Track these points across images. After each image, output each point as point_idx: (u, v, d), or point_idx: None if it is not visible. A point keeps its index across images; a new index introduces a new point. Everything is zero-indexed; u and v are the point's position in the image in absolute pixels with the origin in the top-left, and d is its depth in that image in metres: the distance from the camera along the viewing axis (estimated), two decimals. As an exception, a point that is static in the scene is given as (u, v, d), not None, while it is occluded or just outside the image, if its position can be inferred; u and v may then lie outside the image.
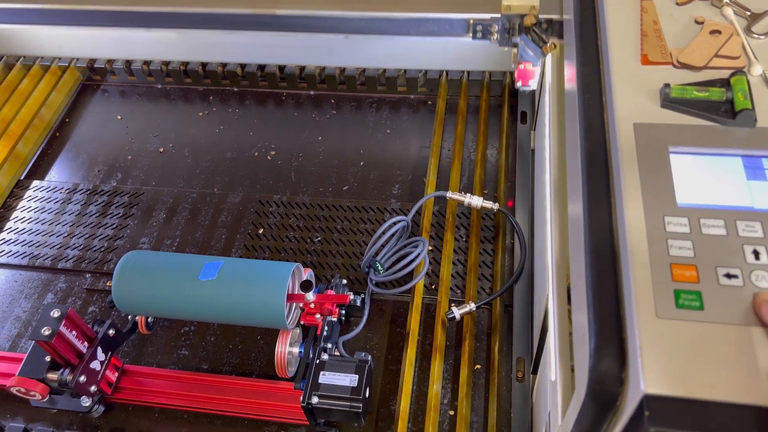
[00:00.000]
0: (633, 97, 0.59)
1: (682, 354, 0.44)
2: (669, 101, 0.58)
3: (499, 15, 0.98)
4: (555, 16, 0.96)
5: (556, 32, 0.98)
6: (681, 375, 0.43)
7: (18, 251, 1.20)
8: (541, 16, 0.96)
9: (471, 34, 1.02)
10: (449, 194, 1.10)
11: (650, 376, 0.43)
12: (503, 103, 1.33)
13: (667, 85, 0.58)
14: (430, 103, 1.38)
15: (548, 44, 0.94)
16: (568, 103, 0.78)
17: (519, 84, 1.03)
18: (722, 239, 0.49)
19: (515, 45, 0.99)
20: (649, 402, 0.42)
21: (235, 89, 1.46)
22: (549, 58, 0.96)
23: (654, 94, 0.60)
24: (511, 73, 1.35)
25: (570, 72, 0.74)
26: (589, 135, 0.60)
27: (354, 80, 1.40)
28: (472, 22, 1.00)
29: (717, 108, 0.57)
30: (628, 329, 0.46)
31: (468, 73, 1.36)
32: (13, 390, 0.87)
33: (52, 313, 0.84)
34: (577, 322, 0.55)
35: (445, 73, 1.37)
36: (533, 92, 1.32)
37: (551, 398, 0.69)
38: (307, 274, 0.99)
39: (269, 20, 1.10)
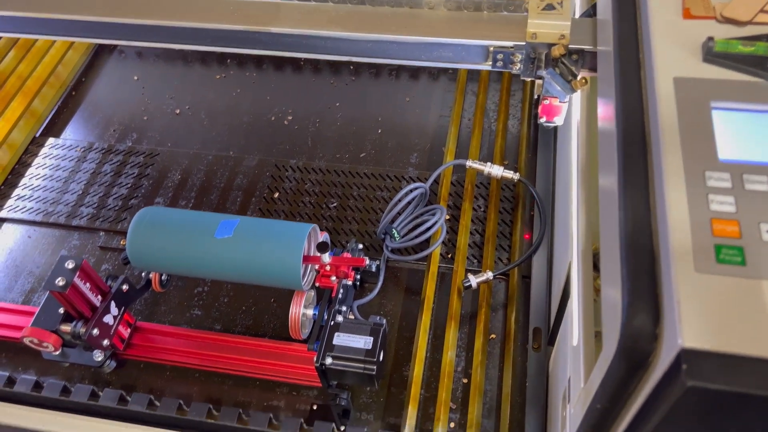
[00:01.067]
0: (673, 52, 0.57)
1: (721, 309, 0.42)
2: (712, 55, 0.55)
3: (523, 43, 0.84)
4: (587, 47, 0.82)
5: (587, 64, 0.84)
6: (720, 329, 0.41)
7: (32, 207, 1.20)
8: (571, 46, 0.82)
9: (490, 63, 0.88)
10: (469, 163, 1.08)
11: (688, 329, 0.41)
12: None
13: (710, 39, 0.56)
14: (451, 71, 1.35)
15: (579, 79, 0.82)
16: (601, 62, 0.75)
17: (543, 120, 0.90)
18: (766, 195, 0.47)
19: (540, 77, 0.85)
20: (686, 356, 0.40)
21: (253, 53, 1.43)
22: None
23: (696, 48, 0.57)
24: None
25: (605, 32, 0.72)
26: (626, 91, 0.58)
27: (374, 46, 1.36)
28: (492, 50, 0.86)
29: (763, 63, 0.54)
30: (664, 284, 0.45)
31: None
32: (26, 341, 0.87)
33: (66, 264, 0.83)
34: (607, 281, 0.54)
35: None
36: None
37: (573, 364, 0.68)
38: (323, 236, 0.98)
39: (266, 38, 0.92)
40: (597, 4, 0.84)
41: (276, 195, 1.18)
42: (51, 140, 1.31)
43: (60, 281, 0.81)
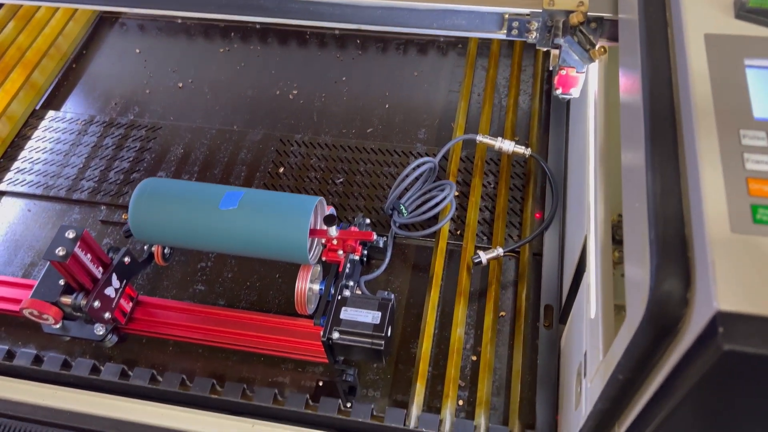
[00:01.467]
0: (704, 8, 0.54)
1: (759, 270, 0.40)
2: (745, 11, 0.53)
3: (540, 10, 0.80)
4: (607, 14, 0.78)
5: (606, 33, 0.80)
6: (758, 291, 0.39)
7: (32, 180, 1.18)
8: (589, 14, 0.78)
9: (505, 31, 0.84)
10: (479, 137, 1.05)
11: (724, 292, 0.39)
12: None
13: (743, -6, 0.53)
14: (460, 45, 1.32)
15: (597, 48, 0.78)
16: (624, 29, 0.72)
17: (559, 91, 0.87)
18: (804, 154, 0.44)
19: (557, 46, 0.82)
20: (722, 319, 0.38)
21: (258, 26, 1.40)
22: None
23: (728, 4, 0.54)
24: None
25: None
26: (653, 48, 0.55)
27: (382, 20, 1.33)
28: (507, 17, 0.82)
29: (799, 20, 0.51)
30: (696, 246, 0.42)
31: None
32: (26, 312, 0.85)
33: (67, 234, 0.81)
34: (632, 247, 0.51)
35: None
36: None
37: (590, 337, 0.65)
38: (329, 210, 0.95)
39: (270, 4, 0.86)
40: None
41: (281, 170, 1.16)
42: (51, 113, 1.28)
43: (60, 251, 0.79)
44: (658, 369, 0.47)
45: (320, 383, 0.91)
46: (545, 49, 0.89)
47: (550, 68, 0.86)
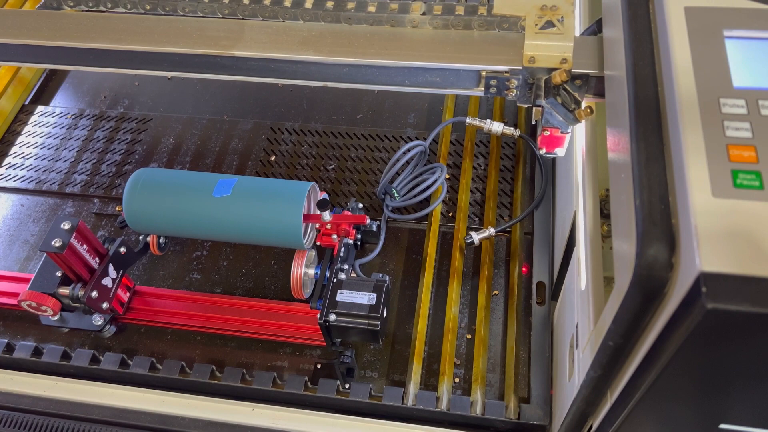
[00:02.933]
0: (684, -19, 0.55)
1: (740, 232, 0.41)
2: (724, -17, 0.54)
3: (519, 67, 0.72)
4: (592, 71, 0.71)
5: (592, 90, 0.73)
6: (739, 253, 0.40)
7: (24, 176, 1.18)
8: (574, 71, 0.70)
9: (483, 88, 0.76)
10: (469, 120, 1.06)
11: (707, 253, 0.40)
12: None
13: (721, -33, 0.54)
14: (447, 30, 1.33)
15: (583, 108, 0.71)
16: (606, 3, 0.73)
17: (542, 151, 0.80)
18: (782, 121, 0.46)
19: (539, 106, 0.74)
20: (706, 279, 0.39)
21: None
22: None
23: (707, -23, 0.55)
24: None
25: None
26: (634, 22, 0.56)
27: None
28: (484, 74, 0.74)
29: (776, -10, 0.53)
30: (680, 211, 0.44)
31: (488, -1, 1.30)
32: (24, 304, 0.85)
33: (62, 225, 0.81)
34: (619, 215, 0.53)
35: (463, -2, 1.31)
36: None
37: (581, 309, 0.67)
38: (322, 195, 0.96)
39: (229, 62, 0.78)
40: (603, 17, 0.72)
41: (273, 158, 1.16)
42: (41, 108, 1.28)
43: (56, 242, 0.80)
44: (647, 333, 0.48)
45: (318, 366, 0.93)
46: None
47: (533, 122, 0.78)
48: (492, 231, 0.98)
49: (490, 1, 0.77)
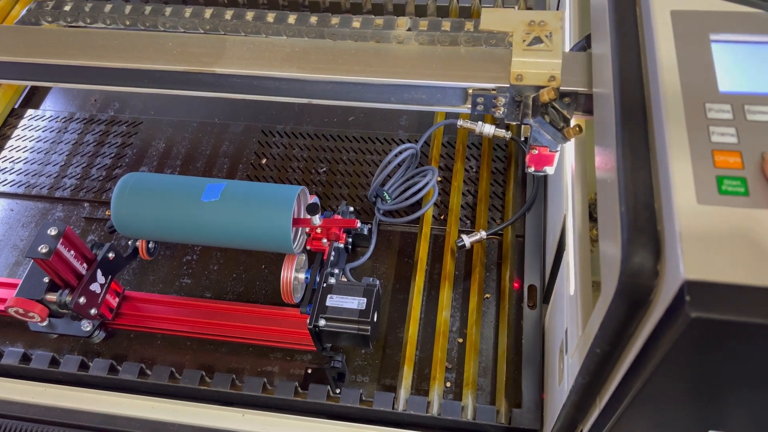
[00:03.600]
0: (671, -16, 0.55)
1: (725, 240, 0.41)
2: (710, -13, 0.53)
3: (506, 85, 0.71)
4: (581, 89, 0.69)
5: (581, 107, 0.71)
6: (723, 260, 0.40)
7: (14, 180, 1.17)
8: (563, 89, 0.69)
9: (470, 106, 0.74)
10: (460, 122, 1.06)
11: (690, 261, 0.40)
12: (516, 32, 1.27)
13: (707, -30, 0.54)
14: (439, 32, 1.32)
15: (572, 126, 0.69)
16: (594, 7, 0.73)
17: (531, 169, 0.78)
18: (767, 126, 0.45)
19: (527, 124, 0.72)
20: (690, 288, 0.39)
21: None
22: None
23: (693, -19, 0.55)
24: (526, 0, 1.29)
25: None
26: (621, 26, 0.56)
27: (360, 8, 1.33)
28: (471, 92, 0.72)
29: (763, -6, 0.52)
30: (665, 218, 0.43)
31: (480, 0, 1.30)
32: (11, 311, 0.85)
33: (49, 231, 0.81)
34: (605, 222, 0.52)
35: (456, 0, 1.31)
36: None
37: (569, 314, 0.67)
38: (312, 199, 0.96)
39: (211, 80, 0.77)
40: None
41: (264, 161, 1.16)
42: (30, 111, 1.27)
43: (43, 248, 0.79)
44: (633, 340, 0.48)
45: (309, 371, 0.92)
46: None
47: (522, 138, 0.77)
48: (483, 234, 0.97)
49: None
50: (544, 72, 0.69)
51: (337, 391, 0.87)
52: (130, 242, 0.96)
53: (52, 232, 0.81)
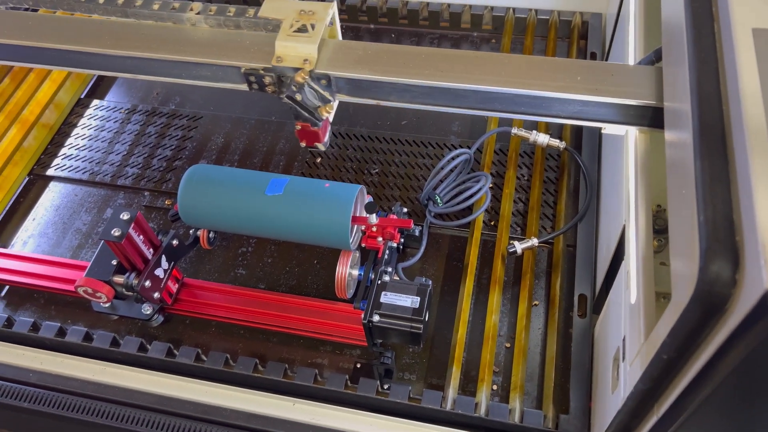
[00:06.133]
0: (751, 2, 0.56)
1: (808, 253, 0.41)
2: (793, 6, 0.54)
3: (270, 66, 0.78)
4: (333, 72, 0.78)
5: (344, 89, 0.80)
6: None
7: (78, 167, 1.22)
8: (318, 71, 0.78)
9: (246, 85, 0.83)
10: (515, 130, 1.08)
11: (774, 272, 0.41)
12: (572, 44, 1.28)
13: (791, -11, 0.55)
14: (494, 41, 1.34)
15: (324, 106, 0.79)
16: (667, 22, 0.74)
17: (303, 144, 0.87)
18: None
19: (291, 101, 0.79)
20: (772, 298, 0.40)
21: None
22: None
23: (775, 0, 0.56)
24: (582, 13, 1.30)
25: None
26: (698, 43, 0.57)
27: (417, 15, 1.36)
28: (243, 71, 0.80)
29: None
30: (746, 228, 0.44)
31: (536, 11, 1.32)
32: (80, 290, 0.89)
33: (122, 216, 0.85)
34: (679, 230, 0.53)
35: (512, 10, 1.32)
36: (604, 29, 1.28)
37: (630, 322, 0.67)
38: (368, 199, 0.98)
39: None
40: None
41: (318, 160, 1.19)
42: (96, 102, 1.32)
43: (116, 231, 0.83)
44: (703, 348, 0.49)
45: (358, 365, 0.94)
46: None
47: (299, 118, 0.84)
48: (535, 241, 0.98)
49: None
50: (300, 55, 0.78)
51: (386, 386, 0.89)
52: (191, 231, 1.00)
53: (125, 216, 0.84)
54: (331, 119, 0.86)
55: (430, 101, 0.81)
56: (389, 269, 0.93)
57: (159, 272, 0.91)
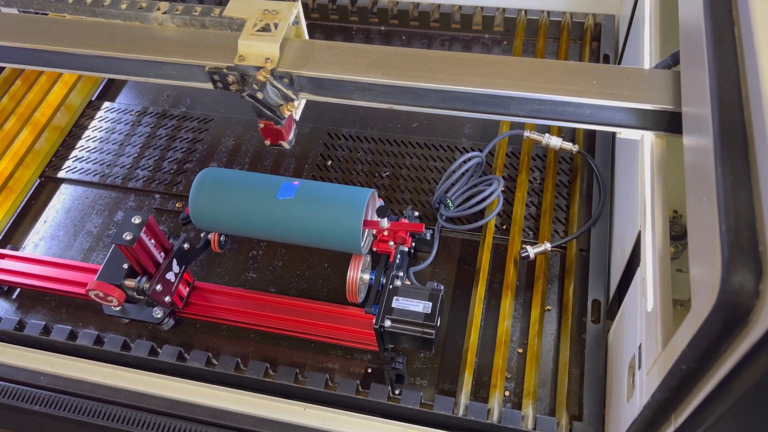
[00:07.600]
0: (774, 6, 0.55)
1: (835, 264, 0.41)
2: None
3: (233, 64, 0.79)
4: (295, 71, 0.78)
5: (307, 88, 0.81)
6: (834, 284, 0.40)
7: (89, 169, 1.22)
8: (280, 70, 0.78)
9: (211, 83, 0.83)
10: (527, 133, 1.07)
11: (800, 283, 0.40)
12: (584, 46, 1.27)
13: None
14: (505, 43, 1.33)
15: (287, 104, 0.79)
16: (685, 26, 0.73)
17: (267, 142, 0.87)
18: None
19: (253, 99, 0.80)
20: (798, 310, 0.39)
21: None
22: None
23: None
24: (594, 15, 1.29)
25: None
26: (719, 45, 0.56)
27: (428, 17, 1.35)
28: (207, 70, 0.81)
29: None
30: (770, 238, 0.43)
31: (548, 12, 1.31)
32: (92, 294, 0.89)
33: (133, 220, 0.84)
34: (700, 238, 0.52)
35: (523, 12, 1.31)
36: (617, 31, 1.27)
37: (646, 329, 0.66)
38: (379, 202, 0.97)
39: None
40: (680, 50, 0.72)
41: (329, 162, 1.18)
42: (106, 104, 1.32)
43: (127, 235, 0.83)
44: (723, 359, 0.48)
45: (369, 370, 0.94)
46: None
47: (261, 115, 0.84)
48: (548, 245, 0.97)
49: None
50: (261, 54, 0.79)
51: (397, 392, 0.88)
52: (202, 235, 1.00)
53: (136, 220, 0.84)
54: (297, 117, 0.87)
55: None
56: (401, 274, 0.92)
57: (170, 276, 0.90)
